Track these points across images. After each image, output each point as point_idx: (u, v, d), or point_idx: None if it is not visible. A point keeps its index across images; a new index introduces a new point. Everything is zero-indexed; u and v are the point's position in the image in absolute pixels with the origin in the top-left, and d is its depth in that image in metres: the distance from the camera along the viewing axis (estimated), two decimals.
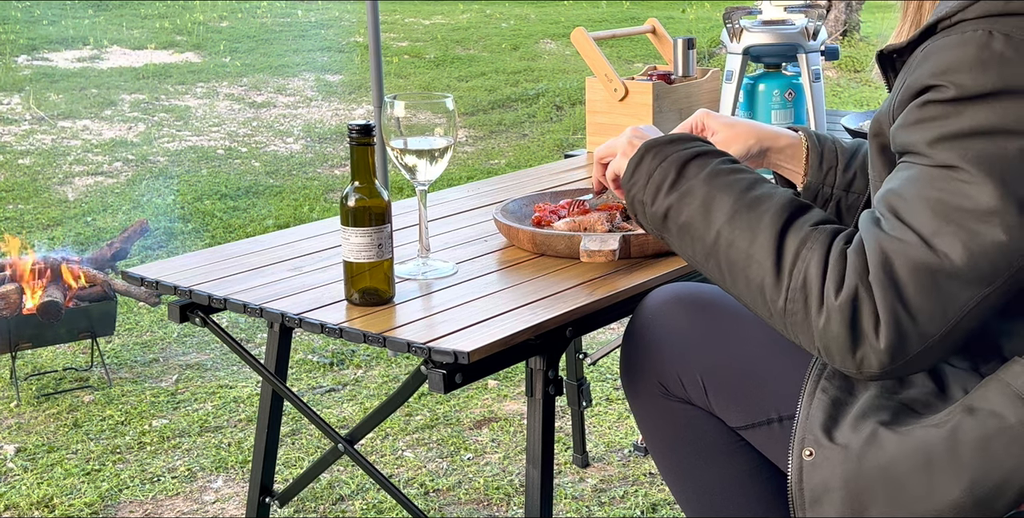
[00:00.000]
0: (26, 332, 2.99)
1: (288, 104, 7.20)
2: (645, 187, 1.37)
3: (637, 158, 1.39)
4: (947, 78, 1.17)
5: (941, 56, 1.19)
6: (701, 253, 1.30)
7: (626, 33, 2.54)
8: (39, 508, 2.47)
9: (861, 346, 1.16)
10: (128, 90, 7.43)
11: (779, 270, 1.21)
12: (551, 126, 6.57)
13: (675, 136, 1.40)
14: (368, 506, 2.44)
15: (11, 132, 6.36)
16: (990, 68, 1.16)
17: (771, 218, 1.24)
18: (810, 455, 1.28)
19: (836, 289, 1.16)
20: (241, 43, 9.26)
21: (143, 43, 9.20)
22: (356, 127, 1.51)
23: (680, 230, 1.32)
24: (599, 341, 3.37)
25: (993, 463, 1.19)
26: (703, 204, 1.30)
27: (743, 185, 1.29)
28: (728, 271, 1.27)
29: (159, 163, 5.75)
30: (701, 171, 1.33)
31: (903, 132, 1.21)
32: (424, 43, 9.31)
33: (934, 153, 1.17)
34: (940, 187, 1.16)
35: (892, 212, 1.18)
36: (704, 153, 1.36)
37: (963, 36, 1.18)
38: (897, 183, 1.20)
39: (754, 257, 1.23)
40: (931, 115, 1.18)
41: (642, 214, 1.38)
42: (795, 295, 1.19)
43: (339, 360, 3.25)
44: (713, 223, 1.28)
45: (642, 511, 2.41)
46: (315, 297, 1.56)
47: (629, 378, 1.56)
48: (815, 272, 1.18)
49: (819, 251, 1.19)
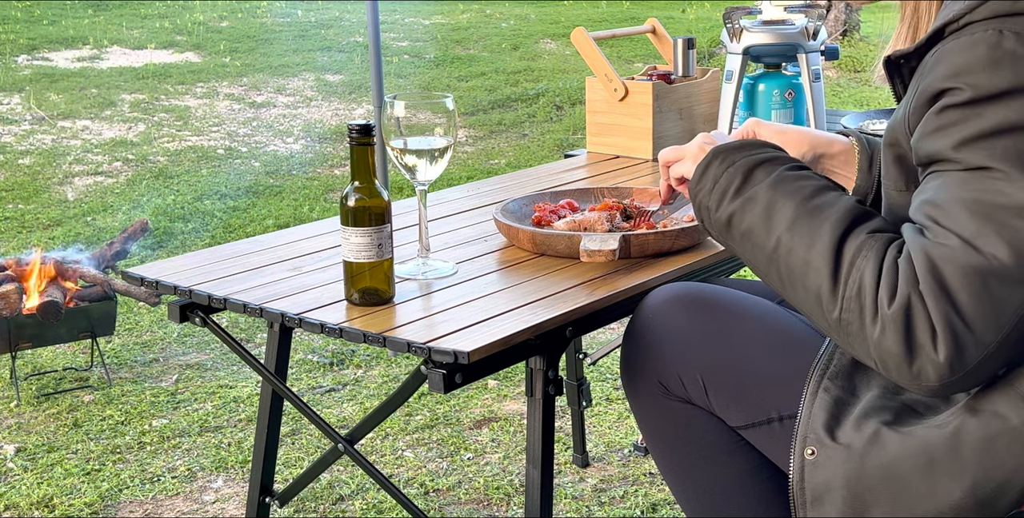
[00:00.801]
0: (26, 332, 2.99)
1: (288, 104, 7.20)
2: (711, 192, 1.36)
3: (705, 163, 1.38)
4: (961, 80, 1.17)
5: (953, 59, 1.19)
6: (762, 260, 1.29)
7: (626, 33, 2.54)
8: (39, 508, 2.47)
9: (918, 358, 1.14)
10: (128, 90, 7.43)
11: (836, 278, 1.19)
12: (551, 126, 6.57)
13: (744, 142, 1.39)
14: (368, 506, 2.44)
15: (11, 132, 6.36)
16: (1003, 67, 1.15)
17: (831, 225, 1.22)
18: (812, 454, 1.28)
19: (889, 298, 1.15)
20: (241, 43, 9.26)
21: (143, 43, 9.20)
22: (356, 127, 1.51)
23: (743, 236, 1.32)
24: (599, 341, 3.37)
25: (995, 464, 1.18)
26: (765, 210, 1.29)
27: (807, 192, 1.28)
28: (787, 279, 1.26)
29: (159, 163, 5.75)
30: (767, 177, 1.32)
31: (926, 141, 1.20)
32: (424, 43, 9.31)
33: (961, 156, 1.16)
34: (974, 188, 1.15)
35: (932, 220, 1.17)
36: (771, 159, 1.34)
37: (973, 37, 1.18)
38: (930, 193, 1.19)
39: (811, 264, 1.22)
40: (951, 120, 1.18)
41: (707, 220, 1.37)
42: (850, 305, 1.18)
43: (339, 360, 3.25)
44: (774, 230, 1.27)
45: (642, 511, 2.41)
46: (315, 297, 1.56)
47: (629, 378, 1.56)
48: (869, 281, 1.17)
49: (873, 259, 1.18)
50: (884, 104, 6.93)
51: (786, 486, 1.46)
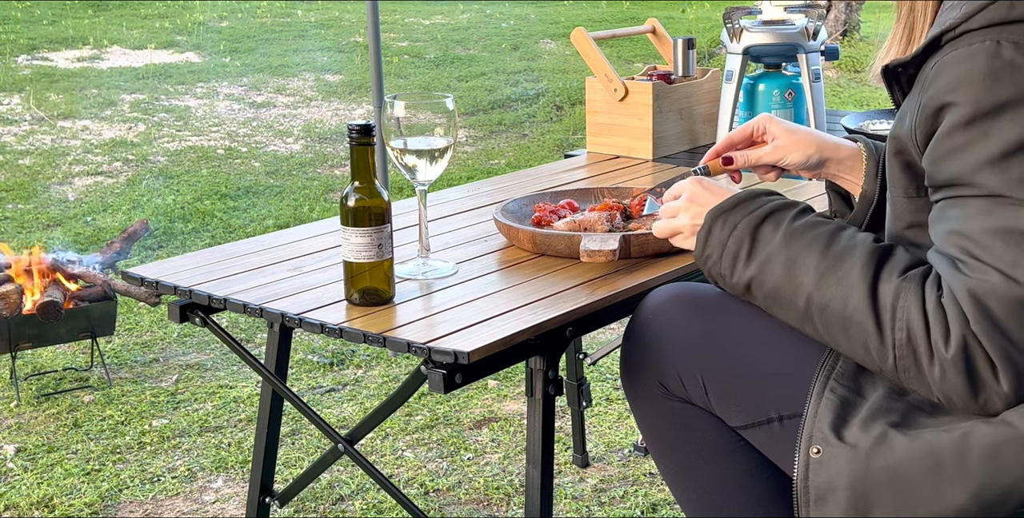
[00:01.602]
0: (26, 332, 2.99)
1: (288, 104, 7.20)
2: (720, 259, 1.34)
3: (706, 230, 1.36)
4: (961, 93, 1.17)
5: (952, 71, 1.19)
6: (794, 318, 1.29)
7: (626, 33, 2.54)
8: (39, 508, 2.47)
9: (983, 392, 1.16)
10: (128, 90, 7.43)
11: (880, 329, 1.20)
12: (551, 126, 6.57)
13: (738, 198, 1.36)
14: (368, 506, 2.44)
15: (11, 132, 6.36)
16: (1003, 78, 1.16)
17: (859, 275, 1.22)
18: (817, 453, 1.28)
19: (944, 342, 1.15)
20: (241, 43, 9.26)
21: (143, 43, 9.20)
22: (356, 127, 1.51)
23: (767, 298, 1.31)
24: (599, 341, 3.37)
25: (1001, 470, 1.18)
26: (786, 270, 1.28)
27: (822, 242, 1.27)
28: (827, 333, 1.26)
29: (159, 163, 5.75)
30: (775, 233, 1.30)
31: (939, 167, 1.20)
32: (424, 43, 9.31)
33: (979, 182, 1.17)
34: (1000, 216, 1.16)
35: (966, 253, 1.17)
36: (772, 212, 1.33)
37: (971, 48, 1.18)
38: (958, 222, 1.19)
39: (852, 319, 1.22)
40: (960, 143, 1.18)
41: (723, 285, 1.37)
42: (903, 352, 1.18)
43: (339, 360, 3.25)
44: (801, 289, 1.26)
45: (642, 511, 2.41)
46: (315, 297, 1.56)
47: (629, 378, 1.56)
48: (918, 325, 1.17)
49: (915, 303, 1.18)
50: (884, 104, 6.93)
51: (786, 486, 1.46)
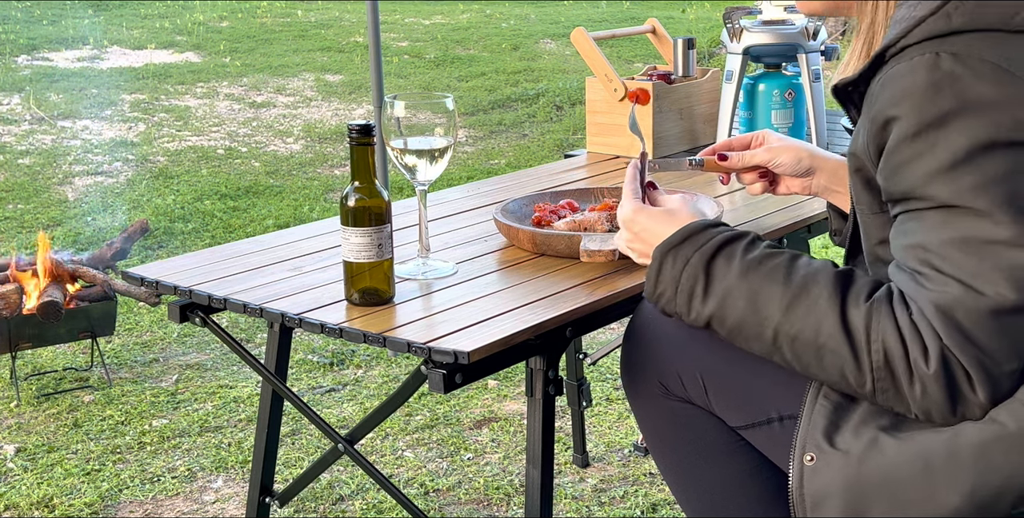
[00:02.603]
0: (26, 332, 2.99)
1: (288, 104, 7.20)
2: (675, 297, 1.32)
3: (656, 267, 1.33)
4: (905, 106, 1.18)
5: (895, 85, 1.20)
6: (761, 349, 1.28)
7: (626, 33, 2.54)
8: (39, 508, 2.47)
9: (961, 404, 1.17)
10: (128, 90, 7.43)
11: (856, 354, 1.19)
12: (551, 126, 6.57)
13: (687, 232, 1.33)
14: (368, 506, 2.44)
15: (11, 132, 6.36)
16: (944, 89, 1.17)
17: (827, 303, 1.21)
18: (811, 460, 1.28)
19: (924, 359, 1.16)
20: (241, 43, 9.26)
21: (143, 43, 9.20)
22: (356, 127, 1.51)
23: (731, 332, 1.29)
24: (599, 341, 3.37)
25: (992, 469, 1.19)
26: (749, 304, 1.26)
27: (782, 272, 1.25)
28: (798, 363, 1.25)
29: (159, 163, 5.75)
30: (730, 266, 1.28)
31: (893, 181, 1.21)
32: (424, 43, 9.31)
33: (931, 194, 1.17)
34: (957, 226, 1.16)
35: (927, 265, 1.18)
36: (724, 243, 1.30)
37: (912, 62, 1.19)
38: (916, 235, 1.19)
39: (826, 346, 1.21)
40: (908, 157, 1.19)
41: (679, 320, 1.35)
42: (881, 374, 1.18)
43: (339, 360, 3.25)
44: (768, 321, 1.25)
45: (642, 511, 2.41)
46: (315, 297, 1.56)
47: (629, 378, 1.56)
48: (895, 346, 1.17)
49: (889, 324, 1.18)
50: None
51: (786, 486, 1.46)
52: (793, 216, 1.88)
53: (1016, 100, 1.15)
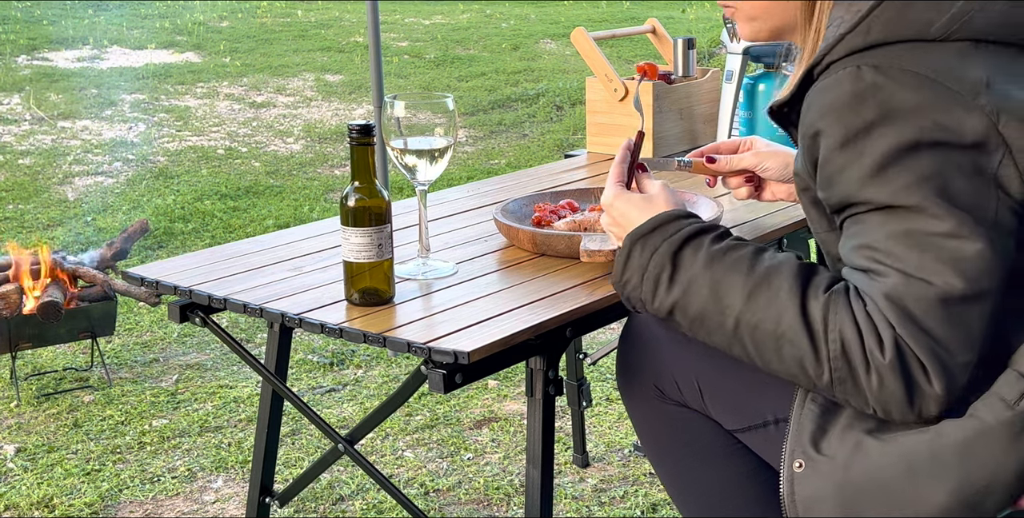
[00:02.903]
0: (26, 332, 2.99)
1: (288, 104, 7.20)
2: (641, 284, 1.33)
3: (624, 254, 1.35)
4: (831, 118, 1.21)
5: (821, 99, 1.23)
6: (722, 341, 1.29)
7: (626, 33, 2.54)
8: (39, 508, 2.47)
9: (918, 396, 1.17)
10: (128, 90, 7.43)
11: (814, 343, 1.20)
12: (551, 126, 6.57)
13: (657, 221, 1.35)
14: (368, 506, 2.44)
15: (11, 132, 6.36)
16: (867, 98, 1.20)
17: (788, 293, 1.22)
18: (800, 467, 1.29)
19: (879, 348, 1.17)
20: (241, 43, 9.26)
21: (143, 43, 9.20)
22: (356, 127, 1.51)
23: (693, 322, 1.30)
24: (599, 341, 3.37)
25: (976, 465, 1.19)
26: (712, 292, 1.27)
27: (746, 263, 1.27)
28: (757, 353, 1.26)
29: (159, 163, 5.75)
30: (696, 257, 1.29)
31: (830, 192, 1.24)
32: (424, 43, 9.31)
33: (867, 198, 1.20)
34: (896, 224, 1.19)
35: (873, 261, 1.20)
36: (692, 235, 1.32)
37: (836, 76, 1.23)
38: (860, 237, 1.22)
39: (785, 336, 1.22)
40: (840, 165, 1.22)
41: (642, 310, 1.36)
42: (838, 364, 1.19)
43: (339, 360, 3.25)
44: (729, 310, 1.26)
45: (642, 511, 2.41)
46: (315, 297, 1.56)
47: (625, 381, 1.57)
48: (851, 336, 1.18)
49: (846, 314, 1.19)
50: None
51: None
52: (793, 216, 1.88)
53: (938, 105, 1.18)
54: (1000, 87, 1.19)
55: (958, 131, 1.17)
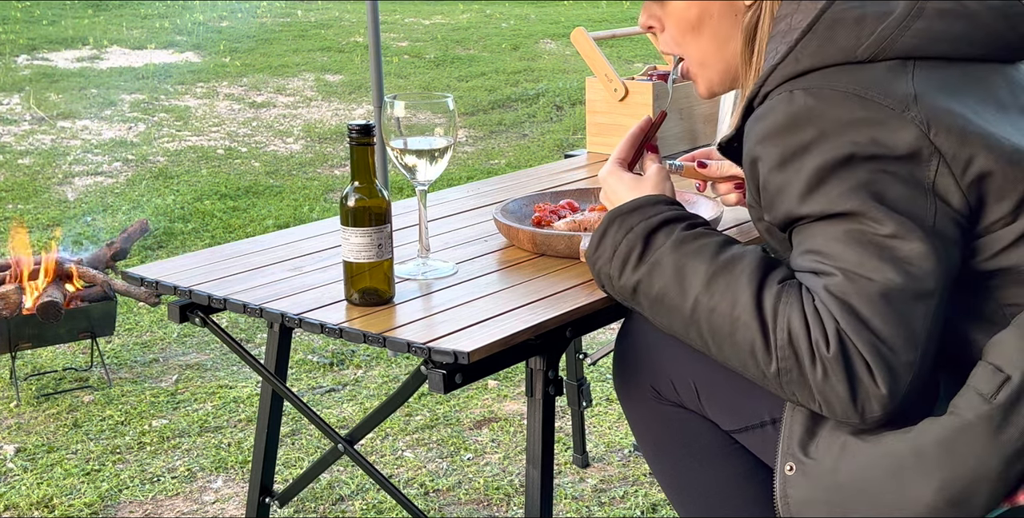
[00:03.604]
0: (26, 332, 2.99)
1: (288, 104, 7.20)
2: (611, 260, 1.36)
3: (601, 230, 1.39)
4: (768, 142, 1.25)
5: (758, 126, 1.27)
6: (679, 323, 1.30)
7: (626, 33, 2.54)
8: (39, 508, 2.47)
9: (860, 393, 1.18)
10: (128, 90, 7.43)
11: (764, 331, 1.22)
12: (551, 126, 6.57)
13: (638, 202, 1.39)
14: (368, 506, 2.44)
15: (11, 132, 6.37)
16: (801, 120, 1.23)
17: (747, 279, 1.25)
18: (791, 470, 1.29)
19: (824, 341, 1.18)
20: (241, 43, 9.27)
21: (143, 43, 9.20)
22: (356, 127, 1.51)
23: (653, 302, 1.32)
24: (599, 341, 3.37)
25: (958, 462, 1.19)
26: (675, 273, 1.29)
27: (711, 249, 1.29)
28: (711, 338, 1.27)
29: (159, 163, 5.75)
30: (667, 240, 1.32)
31: (774, 213, 1.27)
32: (424, 43, 9.31)
33: (807, 212, 1.23)
34: (836, 228, 1.21)
35: (818, 262, 1.22)
36: (668, 220, 1.35)
37: (770, 103, 1.27)
38: (804, 244, 1.25)
39: (740, 319, 1.23)
40: (779, 185, 1.25)
41: (609, 287, 1.38)
42: (785, 353, 1.20)
43: (339, 360, 3.25)
44: (689, 291, 1.28)
45: (642, 511, 2.41)
46: (315, 297, 1.56)
47: (622, 381, 1.57)
48: (798, 327, 1.20)
49: (796, 306, 1.21)
50: None
51: None
52: None
53: (872, 121, 1.21)
54: (929, 99, 1.22)
55: (891, 144, 1.20)
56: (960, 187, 1.21)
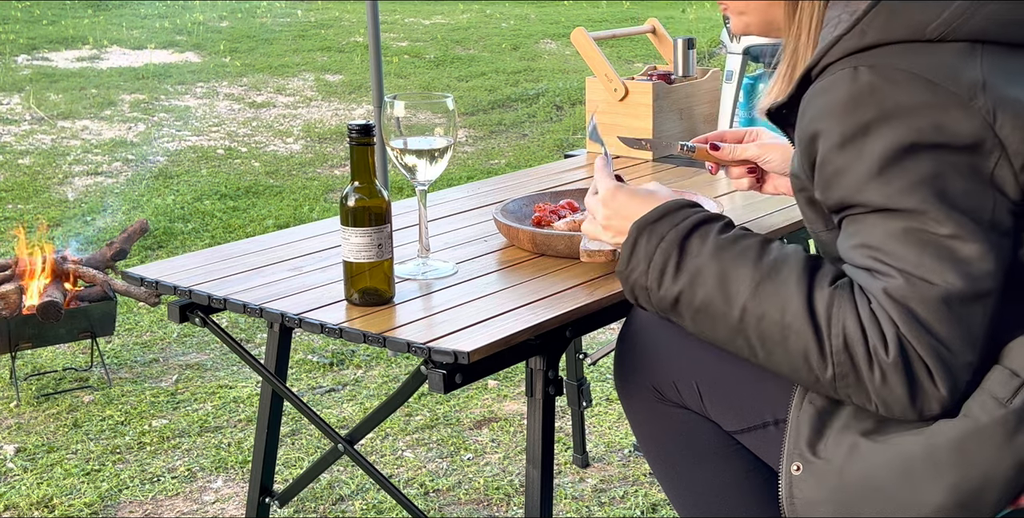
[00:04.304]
0: (26, 332, 2.99)
1: (288, 104, 7.20)
2: (647, 272, 1.32)
3: (631, 243, 1.34)
4: (829, 120, 1.22)
5: (819, 101, 1.24)
6: (725, 332, 1.27)
7: (626, 33, 2.54)
8: (39, 508, 2.47)
9: (920, 395, 1.18)
10: (128, 90, 7.43)
11: (819, 336, 1.20)
12: (551, 126, 6.57)
13: (664, 210, 1.34)
14: (368, 506, 2.44)
15: (11, 132, 6.36)
16: (863, 99, 1.20)
17: (795, 284, 1.22)
18: (798, 470, 1.29)
19: (883, 346, 1.17)
20: (241, 43, 9.26)
21: (143, 43, 9.20)
22: (356, 127, 1.51)
23: (697, 312, 1.29)
24: (599, 341, 3.37)
25: (970, 464, 1.19)
26: (719, 282, 1.26)
27: (754, 252, 1.27)
28: (760, 345, 1.25)
29: (159, 163, 5.75)
30: (704, 246, 1.29)
31: (828, 193, 1.24)
32: (424, 43, 9.31)
33: (865, 200, 1.20)
34: (895, 223, 1.19)
35: (874, 260, 1.20)
36: (698, 224, 1.32)
37: (832, 77, 1.23)
38: (860, 236, 1.22)
39: (791, 327, 1.21)
40: (838, 167, 1.22)
41: (645, 300, 1.34)
42: (840, 358, 1.19)
43: (339, 360, 3.25)
44: (735, 299, 1.25)
45: (642, 511, 2.41)
46: (315, 297, 1.56)
47: (623, 381, 1.57)
48: (854, 332, 1.18)
49: (850, 310, 1.19)
50: None
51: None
52: (793, 216, 1.88)
53: (935, 106, 1.18)
54: (997, 88, 1.19)
55: (955, 132, 1.17)
56: (1017, 179, 1.19)
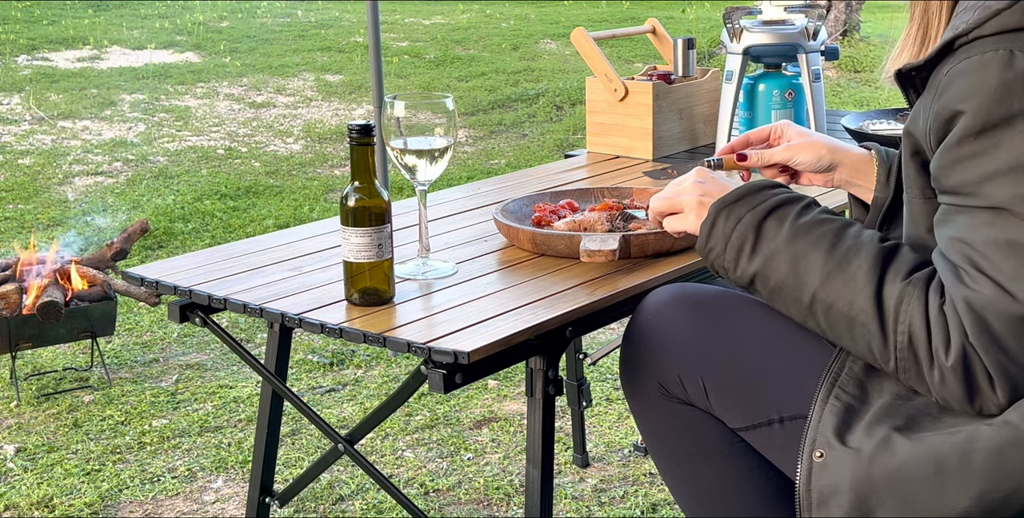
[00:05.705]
0: (26, 332, 2.99)
1: (288, 104, 7.20)
2: (724, 253, 1.35)
3: (710, 222, 1.37)
4: (973, 103, 1.16)
5: (965, 80, 1.17)
6: (797, 314, 1.31)
7: (626, 33, 2.54)
8: (39, 508, 2.47)
9: (979, 398, 1.18)
10: (128, 90, 7.43)
11: (884, 330, 1.21)
12: (551, 126, 6.57)
13: (743, 190, 1.37)
14: (368, 506, 2.44)
15: (11, 132, 6.36)
16: (1015, 89, 1.14)
17: (865, 275, 1.23)
18: (820, 456, 1.28)
19: (945, 349, 1.17)
20: (241, 43, 9.26)
21: (143, 43, 9.20)
22: (356, 127, 1.51)
23: (772, 293, 1.32)
24: (599, 341, 3.37)
25: (1004, 473, 1.18)
26: (792, 268, 1.29)
27: (828, 241, 1.27)
28: (829, 330, 1.28)
29: (159, 163, 5.75)
30: (780, 229, 1.30)
31: (948, 173, 1.20)
32: (424, 43, 9.30)
33: (986, 193, 1.16)
34: (1004, 228, 1.15)
35: (968, 262, 1.17)
36: (777, 206, 1.33)
37: (984, 57, 1.17)
38: (962, 230, 1.19)
39: (857, 319, 1.23)
40: (970, 152, 1.17)
41: (725, 277, 1.38)
42: (904, 354, 1.20)
43: (339, 360, 3.25)
44: (806, 287, 1.27)
45: (642, 511, 2.41)
46: (315, 297, 1.56)
47: (629, 379, 1.56)
48: (919, 330, 1.18)
49: (919, 307, 1.19)
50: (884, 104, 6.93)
51: (785, 487, 1.46)
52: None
53: None
54: None
55: None
56: None
